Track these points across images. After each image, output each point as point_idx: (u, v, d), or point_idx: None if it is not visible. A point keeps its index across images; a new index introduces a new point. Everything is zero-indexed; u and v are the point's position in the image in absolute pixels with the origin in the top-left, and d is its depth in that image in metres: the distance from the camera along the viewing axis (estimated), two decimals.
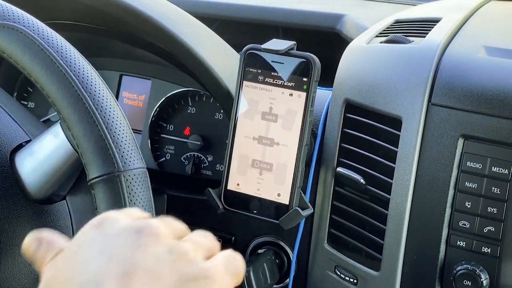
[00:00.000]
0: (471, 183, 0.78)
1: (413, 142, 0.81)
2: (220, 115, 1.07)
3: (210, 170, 1.09)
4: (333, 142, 0.91)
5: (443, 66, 0.82)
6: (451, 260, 0.79)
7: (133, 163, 0.67)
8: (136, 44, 1.04)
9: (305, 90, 0.82)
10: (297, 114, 0.82)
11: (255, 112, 0.84)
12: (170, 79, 1.10)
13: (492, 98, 0.77)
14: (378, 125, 0.86)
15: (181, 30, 0.92)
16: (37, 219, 0.74)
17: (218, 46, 1.00)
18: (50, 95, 0.68)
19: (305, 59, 0.82)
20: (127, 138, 0.68)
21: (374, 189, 0.85)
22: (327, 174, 0.91)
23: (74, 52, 0.70)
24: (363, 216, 0.87)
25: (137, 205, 0.66)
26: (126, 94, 1.14)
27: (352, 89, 0.89)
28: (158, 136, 1.12)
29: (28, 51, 0.68)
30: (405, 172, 0.81)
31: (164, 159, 1.12)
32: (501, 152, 0.77)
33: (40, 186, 0.73)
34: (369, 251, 0.87)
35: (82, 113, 0.66)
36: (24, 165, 0.74)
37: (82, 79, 0.67)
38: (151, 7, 0.92)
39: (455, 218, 0.79)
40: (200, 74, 0.93)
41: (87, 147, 0.66)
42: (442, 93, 0.80)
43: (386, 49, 0.90)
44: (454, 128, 0.79)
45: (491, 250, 0.77)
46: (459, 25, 0.92)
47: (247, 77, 0.84)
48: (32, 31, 0.69)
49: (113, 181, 0.66)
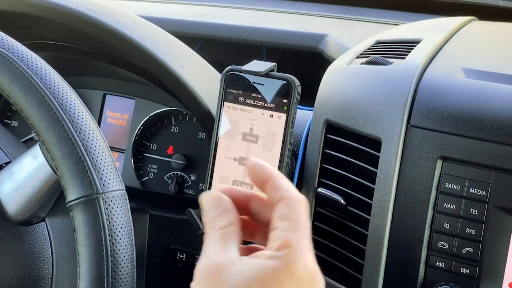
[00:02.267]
0: (449, 204, 0.78)
1: (392, 163, 0.81)
2: (203, 135, 1.08)
3: (193, 189, 1.09)
4: (314, 162, 0.91)
5: (422, 88, 0.82)
6: (430, 280, 0.80)
7: (111, 185, 0.67)
8: (119, 64, 1.05)
9: (285, 112, 0.82)
10: (277, 135, 0.83)
11: (236, 133, 0.85)
12: (153, 99, 1.11)
13: (470, 120, 0.78)
14: (358, 146, 0.86)
15: (162, 51, 0.93)
16: (16, 241, 0.74)
17: (200, 66, 1.00)
18: (29, 117, 0.68)
19: (285, 81, 0.82)
20: (105, 160, 0.68)
21: (354, 209, 0.86)
22: (308, 195, 0.92)
23: (53, 74, 0.70)
24: (343, 236, 0.88)
25: (116, 227, 0.66)
26: (109, 113, 1.14)
27: (332, 110, 0.90)
28: (142, 155, 1.12)
29: (7, 73, 0.68)
30: (384, 193, 0.82)
31: (147, 178, 1.12)
32: (479, 173, 0.77)
33: (19, 208, 0.73)
34: (349, 271, 0.87)
35: (61, 135, 0.67)
36: (3, 187, 0.74)
37: (61, 101, 0.68)
38: (132, 28, 0.93)
39: (434, 239, 0.79)
40: (181, 94, 0.93)
41: (66, 169, 0.67)
42: (421, 114, 0.80)
43: (366, 70, 0.91)
44: (432, 149, 0.79)
45: (470, 271, 0.78)
46: (439, 47, 0.93)
47: (228, 98, 0.84)
48: (11, 53, 0.69)
49: (92, 203, 0.66)
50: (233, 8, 1.39)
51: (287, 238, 0.53)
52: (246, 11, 1.38)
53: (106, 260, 0.65)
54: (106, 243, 0.66)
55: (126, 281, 0.66)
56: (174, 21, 1.28)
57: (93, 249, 0.66)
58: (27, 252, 0.74)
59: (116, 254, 0.66)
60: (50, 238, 0.76)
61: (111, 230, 0.66)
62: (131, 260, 0.67)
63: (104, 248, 0.65)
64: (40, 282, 0.75)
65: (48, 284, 0.75)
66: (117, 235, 0.66)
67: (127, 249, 0.67)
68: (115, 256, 0.66)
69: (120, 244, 0.66)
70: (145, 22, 0.99)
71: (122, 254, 0.66)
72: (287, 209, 0.54)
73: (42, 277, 0.75)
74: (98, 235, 0.66)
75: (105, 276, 0.65)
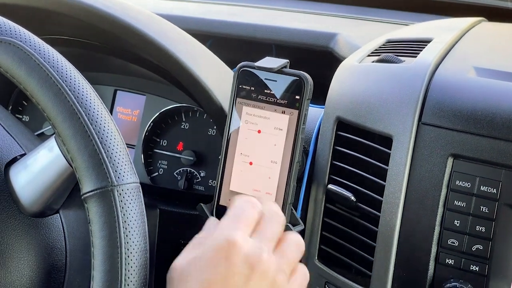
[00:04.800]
0: (460, 201, 0.79)
1: (403, 160, 0.82)
2: (213, 131, 1.08)
3: (202, 186, 1.09)
4: (324, 159, 0.92)
5: (433, 86, 0.83)
6: (440, 277, 0.80)
7: (126, 178, 0.68)
8: (131, 60, 1.05)
9: (297, 108, 0.83)
10: (289, 131, 0.83)
11: (248, 129, 0.85)
12: (164, 95, 1.11)
13: (481, 119, 0.78)
14: (369, 143, 0.87)
15: (176, 47, 0.93)
16: (31, 232, 0.74)
17: (212, 63, 1.01)
18: (46, 110, 0.68)
19: (297, 77, 0.83)
20: (121, 152, 0.68)
21: (365, 206, 0.86)
22: (318, 191, 0.92)
23: (69, 67, 0.71)
24: (353, 233, 0.88)
25: (130, 219, 0.67)
26: (120, 109, 1.15)
27: (344, 107, 0.90)
28: (152, 151, 1.13)
29: (24, 66, 0.69)
30: (395, 190, 0.82)
31: (157, 174, 1.12)
32: (489, 171, 0.78)
33: (34, 200, 0.74)
34: (359, 268, 0.87)
35: (77, 128, 0.67)
36: (18, 179, 0.74)
37: (77, 94, 0.68)
38: (146, 24, 0.93)
39: (444, 236, 0.80)
40: (194, 90, 0.94)
41: (81, 161, 0.67)
42: (432, 112, 0.81)
43: (378, 68, 0.91)
44: (443, 147, 0.80)
45: (479, 268, 0.78)
46: (450, 46, 0.93)
47: (240, 94, 0.85)
48: (28, 46, 0.70)
49: (106, 195, 0.66)
50: (244, 6, 1.40)
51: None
52: (256, 10, 1.38)
53: (120, 251, 0.66)
54: (120, 235, 0.66)
55: (139, 273, 0.67)
56: (185, 19, 1.29)
57: (107, 240, 0.66)
58: (41, 243, 0.74)
59: (130, 246, 0.66)
60: (64, 230, 0.77)
61: (125, 222, 0.67)
62: (145, 252, 0.68)
63: (118, 240, 0.66)
64: (54, 273, 0.75)
65: (61, 275, 0.76)
66: (131, 227, 0.67)
67: (140, 241, 0.68)
68: (129, 248, 0.66)
69: (134, 236, 0.67)
70: (159, 18, 0.99)
71: (136, 245, 0.67)
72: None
73: (55, 268, 0.75)
74: (112, 227, 0.66)
75: (119, 267, 0.66)
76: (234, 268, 0.66)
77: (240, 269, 0.66)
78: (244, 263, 0.66)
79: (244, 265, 0.66)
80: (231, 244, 0.67)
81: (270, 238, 0.70)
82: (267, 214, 0.72)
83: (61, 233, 0.77)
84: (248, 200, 0.72)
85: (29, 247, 0.74)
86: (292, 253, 0.72)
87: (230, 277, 0.66)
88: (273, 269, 0.68)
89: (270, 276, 0.67)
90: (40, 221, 0.75)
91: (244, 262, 0.66)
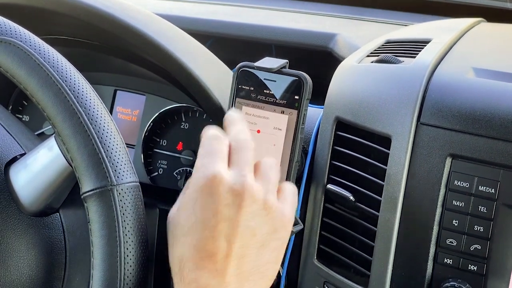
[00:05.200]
0: (458, 201, 0.79)
1: (402, 160, 0.82)
2: None
3: None
4: (323, 159, 0.92)
5: (432, 86, 0.83)
6: (438, 277, 0.80)
7: (126, 177, 0.68)
8: (131, 60, 1.06)
9: (296, 108, 0.83)
10: (289, 131, 0.83)
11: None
12: (164, 95, 1.11)
13: (479, 119, 0.78)
14: (368, 143, 0.87)
15: (176, 47, 0.93)
16: (31, 232, 0.75)
17: (212, 63, 1.01)
18: (46, 109, 0.69)
19: (297, 77, 0.83)
20: (120, 152, 0.69)
21: (363, 206, 0.86)
22: (317, 191, 0.92)
23: (69, 67, 0.71)
24: (352, 232, 0.88)
25: (129, 218, 0.67)
26: (120, 109, 1.15)
27: (343, 107, 0.91)
28: (151, 151, 1.13)
29: (25, 66, 0.69)
30: (393, 189, 0.82)
31: (157, 174, 1.13)
32: (488, 171, 0.78)
33: (34, 199, 0.74)
34: (357, 267, 0.88)
35: (77, 127, 0.68)
36: (18, 178, 0.74)
37: (77, 94, 0.69)
38: (146, 24, 0.94)
39: (442, 236, 0.80)
40: (194, 90, 0.94)
41: (81, 160, 0.68)
42: (431, 112, 0.81)
43: (377, 68, 0.91)
44: (442, 147, 0.80)
45: (478, 268, 0.78)
46: (449, 46, 0.94)
47: (240, 94, 0.85)
48: (28, 46, 0.70)
49: (106, 194, 0.67)
50: (243, 6, 1.41)
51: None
52: (256, 10, 1.39)
53: (119, 250, 0.66)
54: (120, 234, 0.66)
55: (138, 271, 0.67)
56: (185, 19, 1.29)
57: (107, 239, 0.66)
58: (41, 242, 0.75)
59: (129, 245, 0.67)
60: (64, 229, 0.77)
61: (124, 221, 0.67)
62: (144, 251, 0.68)
63: (117, 239, 0.66)
64: (54, 272, 0.76)
65: (61, 273, 0.76)
66: (130, 226, 0.67)
67: (140, 240, 0.68)
68: (128, 247, 0.67)
69: (133, 235, 0.67)
70: (158, 18, 1.00)
71: (135, 245, 0.67)
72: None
73: (55, 267, 0.76)
74: (112, 226, 0.67)
75: (118, 266, 0.66)
76: (222, 201, 0.66)
77: (228, 200, 0.66)
78: (230, 193, 0.66)
79: (230, 195, 0.66)
80: (212, 180, 0.67)
81: (246, 164, 0.70)
82: (234, 143, 0.72)
83: (60, 232, 0.77)
84: (213, 135, 0.72)
85: (29, 246, 0.74)
86: (272, 174, 0.72)
87: (220, 211, 0.66)
88: (261, 191, 0.68)
89: (260, 198, 0.68)
90: (40, 220, 0.76)
91: (230, 192, 0.66)
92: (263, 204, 0.68)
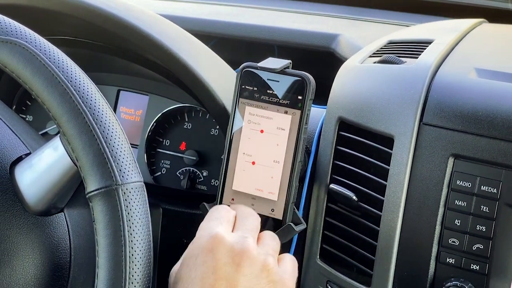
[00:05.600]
0: (460, 201, 0.79)
1: (404, 160, 0.82)
2: (216, 131, 1.09)
3: (205, 185, 1.10)
4: (326, 159, 0.92)
5: (434, 86, 0.84)
6: (440, 276, 0.81)
7: (130, 177, 0.68)
8: (134, 60, 1.06)
9: (299, 108, 0.83)
10: (292, 131, 0.84)
11: (250, 129, 0.86)
12: (167, 95, 1.12)
13: (481, 119, 0.79)
14: (370, 143, 0.87)
15: (179, 47, 0.94)
16: (36, 231, 0.75)
17: (215, 63, 1.02)
18: (51, 110, 0.69)
19: (300, 78, 0.83)
20: (125, 152, 0.69)
21: (366, 205, 0.87)
22: (320, 191, 0.93)
23: (74, 67, 0.71)
24: (355, 232, 0.89)
25: (134, 217, 0.68)
26: (123, 109, 1.16)
27: (345, 107, 0.91)
28: (155, 151, 1.13)
29: (30, 66, 0.69)
30: (396, 189, 0.83)
31: (160, 174, 1.13)
32: (490, 171, 0.78)
33: (39, 199, 0.74)
34: (360, 267, 0.88)
35: (82, 127, 0.68)
36: (24, 178, 0.75)
37: (82, 94, 0.69)
38: (149, 25, 0.94)
39: (444, 236, 0.80)
40: (197, 90, 0.95)
41: (86, 160, 0.68)
42: (434, 113, 0.82)
43: (379, 69, 0.92)
44: (444, 147, 0.80)
45: (480, 267, 0.79)
46: (451, 47, 0.94)
47: (243, 94, 0.86)
48: (34, 47, 0.70)
49: (111, 194, 0.67)
50: (246, 7, 1.41)
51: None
52: (259, 11, 1.39)
53: (124, 250, 0.66)
54: (125, 234, 0.67)
55: (143, 271, 0.68)
56: (187, 19, 1.29)
57: (111, 239, 0.67)
58: (46, 241, 0.75)
59: (134, 244, 0.67)
60: (69, 229, 0.77)
61: (129, 221, 0.67)
62: (149, 250, 0.69)
63: (122, 238, 0.67)
64: (59, 271, 0.76)
65: (66, 272, 0.76)
66: (135, 226, 0.67)
67: (144, 239, 0.68)
68: (133, 246, 0.67)
69: (138, 235, 0.68)
70: (162, 19, 1.00)
71: (140, 244, 0.68)
72: None
73: (60, 266, 0.76)
74: (116, 226, 0.67)
75: (123, 265, 0.66)
76: (221, 259, 0.68)
77: (227, 259, 0.68)
78: (230, 252, 0.68)
79: (230, 254, 0.68)
80: (213, 238, 0.69)
81: (250, 229, 0.73)
82: (241, 214, 0.76)
83: (65, 232, 0.77)
84: (221, 206, 0.77)
85: (34, 245, 0.74)
86: (273, 243, 0.74)
87: (219, 268, 0.68)
88: (261, 253, 0.70)
89: (260, 260, 0.69)
90: (45, 220, 0.76)
91: (230, 251, 0.68)
92: (262, 266, 0.69)
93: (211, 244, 0.69)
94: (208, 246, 0.69)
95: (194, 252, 0.70)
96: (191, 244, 0.72)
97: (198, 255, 0.70)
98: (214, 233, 0.70)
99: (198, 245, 0.70)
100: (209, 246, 0.69)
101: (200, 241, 0.70)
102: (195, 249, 0.70)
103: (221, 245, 0.69)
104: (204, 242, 0.70)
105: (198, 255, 0.70)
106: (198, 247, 0.70)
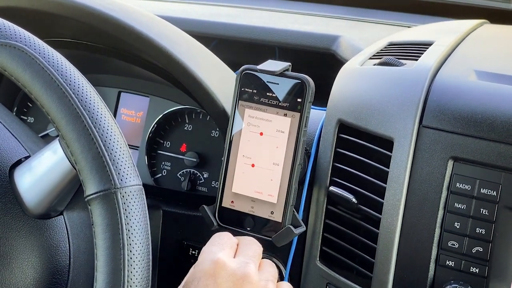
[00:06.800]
0: (460, 204, 0.79)
1: (404, 163, 0.82)
2: (216, 133, 1.09)
3: (205, 187, 1.10)
4: (326, 161, 0.92)
5: (434, 89, 0.84)
6: (440, 279, 0.81)
7: (129, 180, 0.68)
8: (135, 62, 1.06)
9: (299, 111, 0.83)
10: (291, 134, 0.84)
11: (250, 131, 0.86)
12: (167, 97, 1.12)
13: (481, 122, 0.79)
14: (370, 146, 0.87)
15: (179, 49, 0.94)
16: (35, 234, 0.75)
17: (215, 65, 1.02)
18: (50, 113, 0.69)
19: (299, 80, 0.83)
20: (124, 155, 0.69)
21: (366, 208, 0.87)
22: (320, 193, 0.93)
23: (73, 70, 0.71)
24: (354, 234, 0.89)
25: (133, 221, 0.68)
26: (124, 110, 1.16)
27: (345, 109, 0.91)
28: (155, 153, 1.13)
29: (29, 69, 0.69)
30: (396, 192, 0.83)
31: (160, 175, 1.13)
32: (489, 174, 0.78)
33: (38, 202, 0.75)
34: (360, 269, 0.88)
35: (81, 131, 0.68)
36: (23, 181, 0.75)
37: (81, 97, 0.69)
38: (149, 27, 0.94)
39: (444, 238, 0.80)
40: (197, 93, 0.95)
41: (85, 163, 0.68)
42: (433, 115, 0.82)
43: (379, 71, 0.92)
44: (444, 150, 0.80)
45: (479, 270, 0.79)
46: (451, 49, 0.94)
47: (243, 96, 0.86)
48: (33, 50, 0.70)
49: (110, 197, 0.67)
50: (247, 8, 1.41)
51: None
52: (259, 12, 1.39)
53: (123, 253, 0.66)
54: (123, 237, 0.67)
55: (142, 274, 0.68)
56: (188, 21, 1.29)
57: (110, 242, 0.67)
58: (45, 244, 0.75)
59: (133, 247, 0.67)
60: (68, 232, 0.78)
61: (128, 224, 0.67)
62: (147, 254, 0.69)
63: (121, 242, 0.67)
64: (58, 274, 0.76)
65: (65, 275, 0.77)
66: (134, 229, 0.67)
67: (143, 243, 0.68)
68: (131, 250, 0.67)
69: (137, 238, 0.68)
70: (161, 21, 1.00)
71: (138, 247, 0.68)
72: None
73: (59, 269, 0.76)
74: (115, 229, 0.67)
75: (121, 268, 0.66)
76: (223, 283, 0.69)
77: (229, 283, 0.69)
78: (232, 277, 0.70)
79: (232, 278, 0.70)
80: (215, 262, 0.71)
81: (252, 255, 0.74)
82: (243, 241, 0.77)
83: (65, 235, 0.77)
84: (225, 233, 0.77)
85: (33, 248, 0.75)
86: (273, 270, 0.76)
87: None
88: (262, 279, 0.71)
89: (261, 285, 0.71)
90: (44, 223, 0.76)
91: (232, 276, 0.70)
92: None
93: (213, 269, 0.70)
94: (210, 270, 0.70)
95: (196, 275, 0.71)
96: (193, 267, 0.73)
97: (200, 278, 0.70)
98: (216, 258, 0.71)
99: (200, 269, 0.71)
100: (211, 270, 0.70)
101: (202, 265, 0.71)
102: (197, 272, 0.71)
103: (223, 269, 0.70)
104: (207, 266, 0.71)
105: (200, 278, 0.70)
106: (200, 271, 0.71)
